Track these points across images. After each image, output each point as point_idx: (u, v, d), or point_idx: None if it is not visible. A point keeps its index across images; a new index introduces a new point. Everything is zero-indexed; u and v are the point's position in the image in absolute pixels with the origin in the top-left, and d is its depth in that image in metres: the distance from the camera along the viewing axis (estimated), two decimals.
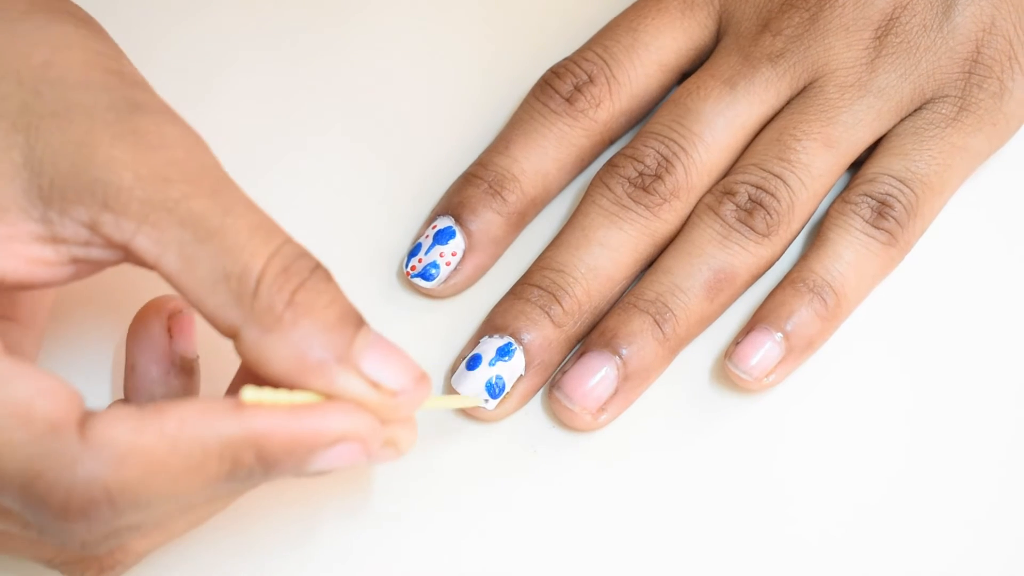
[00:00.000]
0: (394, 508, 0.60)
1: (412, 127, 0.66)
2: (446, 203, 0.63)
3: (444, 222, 0.63)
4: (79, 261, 0.51)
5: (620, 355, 0.61)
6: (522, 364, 0.61)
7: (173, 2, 0.68)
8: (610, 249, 0.62)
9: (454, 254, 0.63)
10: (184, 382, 0.57)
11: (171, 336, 0.57)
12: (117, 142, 0.50)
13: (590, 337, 0.61)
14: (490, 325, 0.62)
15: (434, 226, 0.63)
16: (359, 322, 0.51)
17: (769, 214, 0.62)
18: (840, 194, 0.63)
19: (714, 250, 0.61)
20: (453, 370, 0.62)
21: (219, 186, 0.51)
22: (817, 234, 0.62)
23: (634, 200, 0.62)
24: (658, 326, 0.61)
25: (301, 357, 0.50)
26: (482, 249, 0.63)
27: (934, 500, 0.60)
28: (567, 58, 0.64)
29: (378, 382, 0.51)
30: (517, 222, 0.63)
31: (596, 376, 0.61)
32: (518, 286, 0.62)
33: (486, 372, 0.60)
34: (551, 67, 0.64)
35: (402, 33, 0.67)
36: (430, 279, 0.63)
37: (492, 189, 0.63)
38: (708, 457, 0.61)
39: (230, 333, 0.51)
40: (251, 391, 0.50)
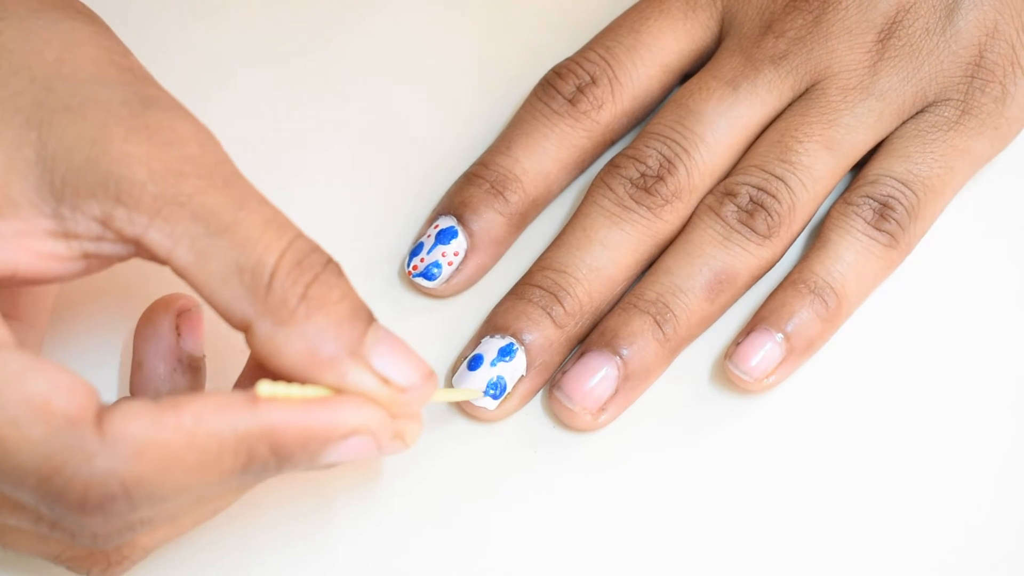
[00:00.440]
0: (394, 508, 0.60)
1: (414, 126, 0.66)
2: (448, 203, 0.63)
3: (446, 222, 0.63)
4: (91, 256, 0.51)
5: (620, 355, 0.61)
6: (524, 364, 0.61)
7: (176, 5, 0.68)
8: (611, 249, 0.62)
9: (456, 254, 0.63)
10: (190, 380, 0.58)
11: (179, 334, 0.57)
12: (131, 137, 0.51)
13: (590, 337, 0.61)
14: (491, 325, 0.62)
15: (436, 226, 0.63)
16: (369, 318, 0.52)
17: (770, 215, 0.62)
18: (841, 195, 0.63)
19: (715, 251, 0.62)
20: (454, 370, 0.62)
21: (231, 181, 0.51)
22: (818, 235, 0.62)
23: (636, 201, 0.62)
24: (658, 326, 0.61)
25: (313, 351, 0.50)
26: (484, 249, 0.63)
27: (935, 501, 0.60)
28: (569, 58, 0.64)
29: (388, 378, 0.51)
30: (519, 222, 0.64)
31: (596, 376, 0.61)
32: (519, 286, 0.62)
33: (488, 372, 0.61)
34: (553, 67, 0.64)
35: (405, 33, 0.67)
36: (432, 279, 0.63)
37: (494, 189, 0.63)
38: (708, 457, 0.61)
39: (242, 326, 0.51)
40: (266, 385, 0.50)
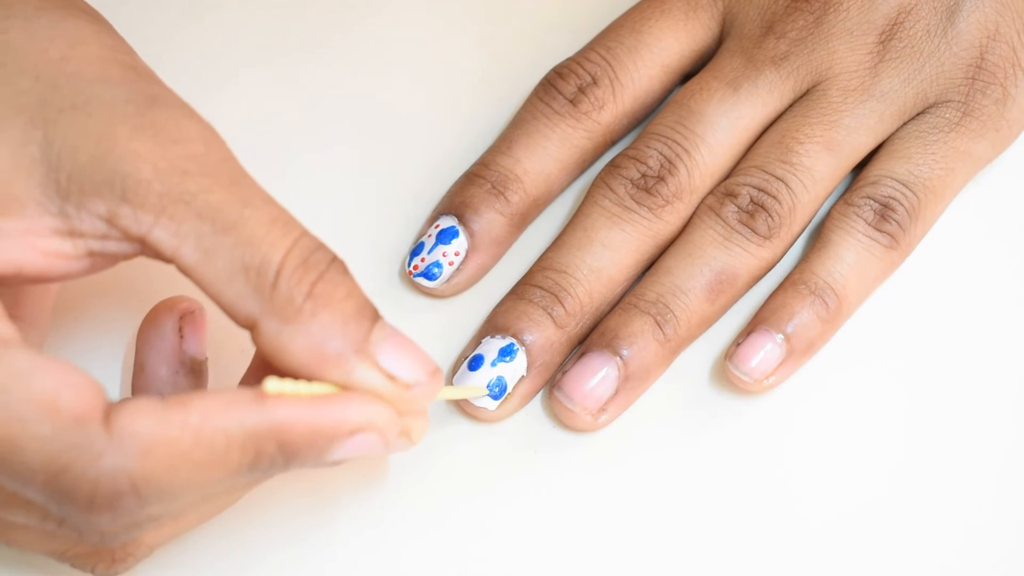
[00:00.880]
0: (394, 507, 0.60)
1: (414, 126, 0.66)
2: (448, 202, 0.63)
3: (447, 222, 0.63)
4: (96, 254, 0.51)
5: (621, 356, 0.61)
6: (524, 365, 0.61)
7: (177, 5, 0.68)
8: (612, 250, 0.62)
9: (457, 254, 0.63)
10: (192, 383, 0.58)
11: (182, 336, 0.58)
12: (136, 135, 0.51)
13: (591, 337, 0.61)
14: (492, 325, 0.62)
15: (437, 225, 0.63)
16: (375, 315, 0.52)
17: (771, 216, 0.62)
18: (842, 196, 0.63)
19: (715, 251, 0.62)
20: (455, 370, 0.62)
21: (237, 179, 0.51)
22: (818, 236, 0.62)
23: (636, 201, 0.62)
24: (659, 327, 0.61)
25: (320, 348, 0.51)
26: (484, 249, 0.63)
27: (934, 501, 0.60)
28: (570, 58, 0.64)
29: (394, 375, 0.52)
30: (519, 222, 0.64)
31: (596, 376, 0.61)
32: (520, 286, 0.62)
33: (488, 373, 0.61)
34: (554, 67, 0.64)
35: (404, 32, 0.67)
36: (433, 278, 0.63)
37: (495, 189, 0.63)
38: (708, 458, 0.61)
39: (248, 325, 0.51)
40: (273, 382, 0.50)
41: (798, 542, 0.60)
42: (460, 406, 0.61)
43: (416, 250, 0.63)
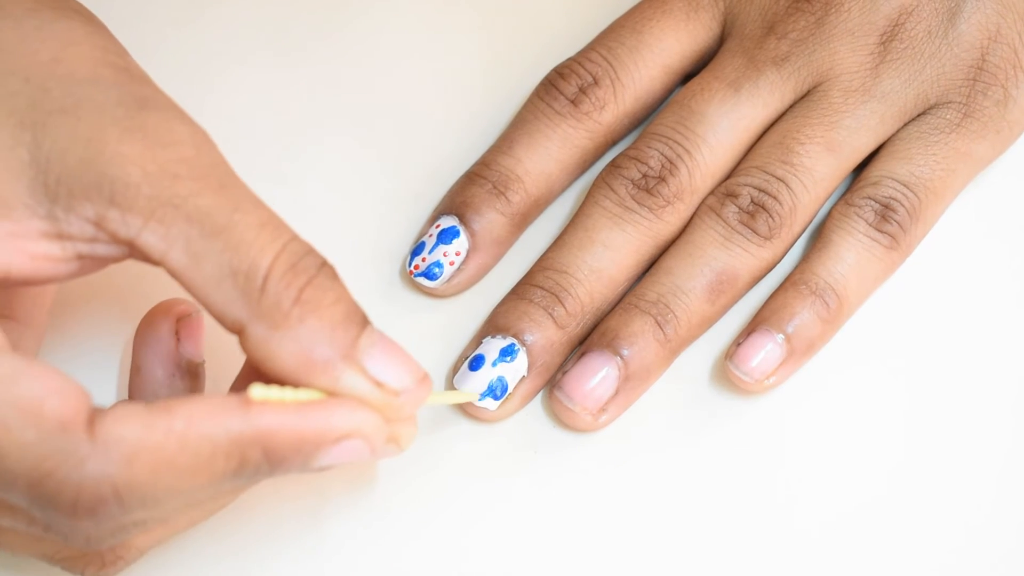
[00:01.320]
0: (394, 508, 0.60)
1: (414, 125, 0.66)
2: (449, 202, 0.63)
3: (448, 221, 0.63)
4: (84, 257, 0.51)
5: (621, 356, 0.61)
6: (525, 365, 0.61)
7: (175, 4, 0.68)
8: (613, 250, 0.62)
9: (458, 254, 0.63)
10: (189, 385, 0.58)
11: (178, 339, 0.57)
12: (126, 138, 0.50)
13: (591, 337, 0.61)
14: (493, 325, 0.62)
15: (437, 225, 0.63)
16: (364, 321, 0.52)
17: (771, 217, 0.62)
18: (843, 196, 0.63)
19: (716, 252, 0.62)
20: (455, 370, 0.62)
21: (226, 183, 0.51)
22: (819, 236, 0.62)
23: (637, 202, 0.62)
24: (659, 327, 0.61)
25: (307, 354, 0.50)
26: (485, 249, 0.63)
27: (935, 501, 0.60)
28: (571, 58, 0.64)
29: (381, 382, 0.51)
30: (520, 223, 0.64)
31: (597, 376, 0.61)
32: (521, 286, 0.62)
33: (489, 373, 0.61)
34: (555, 67, 0.64)
35: (403, 32, 0.67)
36: (433, 278, 0.63)
37: (496, 189, 0.63)
38: (708, 458, 0.61)
39: (235, 329, 0.51)
40: (259, 388, 0.50)
41: (798, 542, 0.60)
42: (460, 406, 0.61)
43: (417, 250, 0.63)
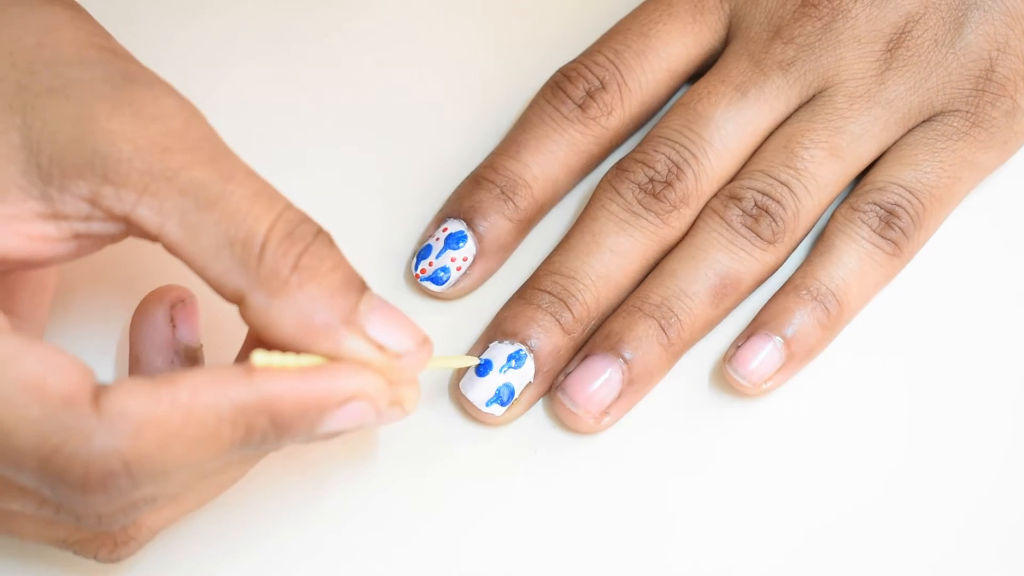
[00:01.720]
0: (394, 507, 0.60)
1: (418, 126, 0.66)
2: (457, 206, 0.63)
3: (455, 226, 0.63)
4: (81, 236, 0.52)
5: (624, 359, 0.61)
6: (532, 371, 0.61)
7: (174, 3, 0.68)
8: (620, 256, 0.62)
9: (465, 259, 0.63)
10: None
11: (174, 325, 0.58)
12: (115, 114, 0.51)
13: (594, 340, 0.61)
14: (499, 330, 0.61)
15: (444, 229, 0.63)
16: (362, 286, 0.52)
17: (775, 221, 0.62)
18: (847, 200, 0.63)
19: (720, 255, 0.62)
20: (461, 375, 0.62)
21: (218, 154, 0.51)
22: (822, 240, 0.62)
23: (644, 207, 0.62)
24: (662, 330, 0.61)
25: (307, 320, 0.51)
26: (492, 254, 0.63)
27: (935, 500, 0.60)
28: (577, 60, 0.64)
29: (383, 345, 0.52)
30: (526, 227, 0.64)
31: (600, 379, 0.60)
32: (528, 291, 0.62)
33: (497, 379, 0.61)
34: (561, 69, 0.64)
35: (407, 32, 0.67)
36: (440, 283, 0.63)
37: (504, 194, 0.63)
38: (707, 460, 0.61)
39: (235, 299, 0.51)
40: (261, 355, 0.50)
41: (798, 542, 0.60)
42: (466, 410, 0.61)
43: (423, 253, 0.63)
